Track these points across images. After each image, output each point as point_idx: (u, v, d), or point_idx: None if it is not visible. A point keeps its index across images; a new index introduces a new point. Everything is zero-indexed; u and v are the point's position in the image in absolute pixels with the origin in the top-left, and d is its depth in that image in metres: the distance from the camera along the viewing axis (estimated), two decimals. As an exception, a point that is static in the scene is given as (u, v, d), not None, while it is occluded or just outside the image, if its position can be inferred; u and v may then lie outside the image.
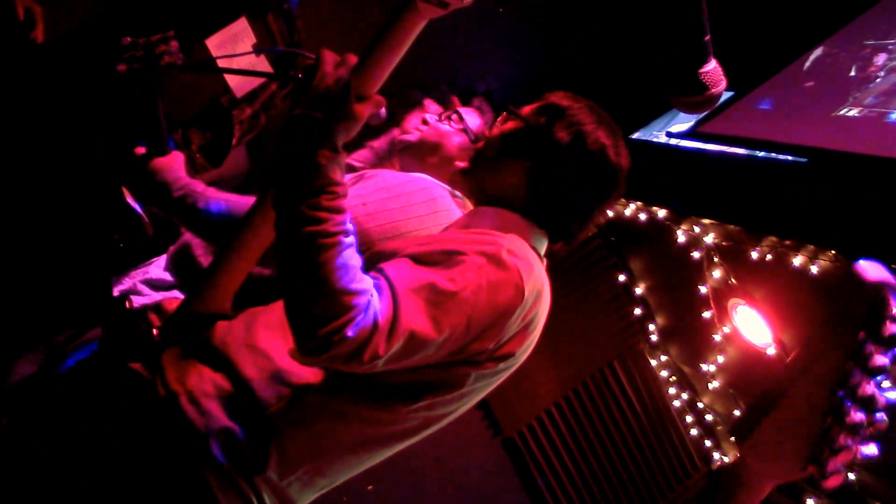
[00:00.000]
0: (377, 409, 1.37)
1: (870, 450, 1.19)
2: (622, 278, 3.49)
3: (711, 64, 1.85)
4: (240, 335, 1.42)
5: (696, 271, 2.97)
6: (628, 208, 3.17)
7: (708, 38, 1.81)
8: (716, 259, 2.88)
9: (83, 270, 2.10)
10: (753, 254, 2.65)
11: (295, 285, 1.19)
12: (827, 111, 2.45)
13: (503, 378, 1.47)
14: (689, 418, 3.58)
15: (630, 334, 3.57)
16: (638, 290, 3.51)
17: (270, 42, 2.27)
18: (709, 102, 1.91)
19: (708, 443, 3.57)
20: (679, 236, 2.98)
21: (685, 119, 2.85)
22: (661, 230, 3.05)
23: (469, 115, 2.10)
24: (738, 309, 2.92)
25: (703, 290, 3.01)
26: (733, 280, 2.86)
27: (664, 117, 3.01)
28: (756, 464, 1.29)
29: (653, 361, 3.60)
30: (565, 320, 3.37)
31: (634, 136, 3.00)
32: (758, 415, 1.27)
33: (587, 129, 1.47)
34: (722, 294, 2.95)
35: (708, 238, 2.87)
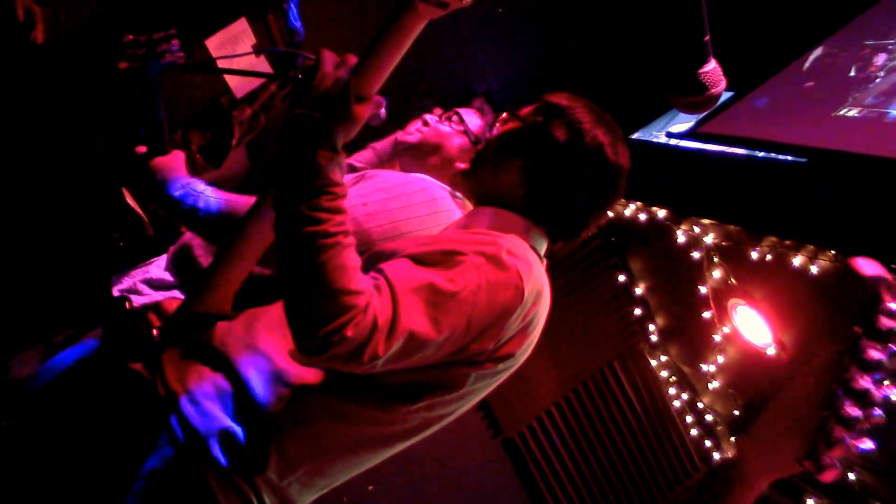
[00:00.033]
0: (377, 410, 1.37)
1: (866, 444, 1.19)
2: (622, 278, 3.48)
3: (711, 64, 1.85)
4: (240, 335, 1.42)
5: (696, 271, 2.97)
6: (628, 208, 3.17)
7: (707, 38, 1.81)
8: (716, 259, 2.88)
9: (83, 270, 2.10)
10: (753, 254, 2.65)
11: (295, 285, 1.19)
12: (826, 111, 2.45)
13: (503, 378, 1.47)
14: (689, 418, 3.58)
15: (630, 334, 3.57)
16: (638, 290, 3.51)
17: (270, 43, 2.27)
18: (708, 102, 1.91)
19: (708, 443, 3.56)
20: (679, 236, 2.98)
21: (685, 119, 2.85)
22: (661, 230, 3.05)
23: (469, 116, 2.10)
24: (738, 309, 2.92)
25: (703, 290, 3.01)
26: (733, 280, 2.86)
27: (664, 117, 3.01)
28: (753, 458, 1.29)
29: (653, 362, 3.60)
30: (565, 320, 3.36)
31: (634, 136, 3.00)
32: (755, 410, 1.27)
33: (585, 128, 1.47)
34: (722, 294, 2.95)
35: (708, 238, 2.87)
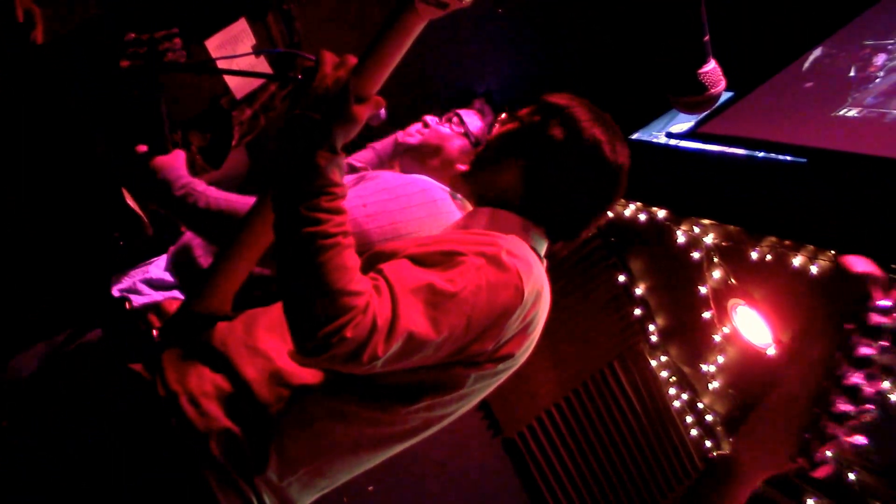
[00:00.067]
0: (377, 410, 1.37)
1: (858, 440, 1.21)
2: (622, 279, 3.48)
3: (711, 64, 1.85)
4: (240, 336, 1.42)
5: (696, 272, 2.97)
6: (628, 209, 3.17)
7: (707, 38, 1.82)
8: (715, 259, 2.88)
9: (83, 270, 2.10)
10: (753, 254, 2.65)
11: (294, 286, 1.19)
12: (826, 111, 2.45)
13: (503, 379, 1.47)
14: (689, 418, 3.58)
15: (630, 335, 3.57)
16: (638, 290, 3.51)
17: (270, 43, 2.27)
18: (708, 103, 1.91)
19: (708, 443, 3.56)
20: (679, 237, 2.98)
21: (685, 119, 2.85)
22: (661, 230, 3.05)
23: (470, 118, 2.10)
24: (738, 309, 2.92)
25: (703, 290, 3.01)
26: (733, 280, 2.86)
27: (664, 118, 3.01)
28: (747, 454, 1.30)
29: (653, 362, 3.60)
30: (565, 320, 3.37)
31: (634, 136, 3.01)
32: (749, 408, 1.29)
33: (582, 126, 1.48)
34: (722, 294, 2.95)
35: (708, 238, 2.87)
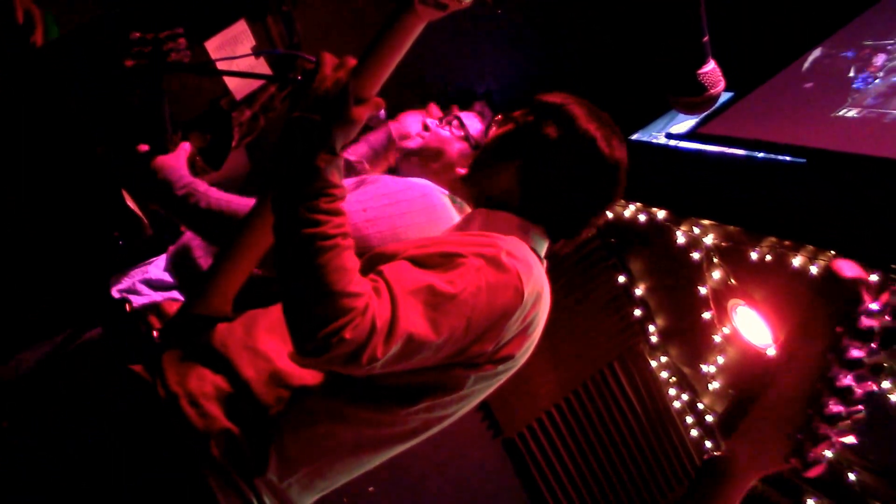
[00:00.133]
0: (377, 411, 1.37)
1: (849, 440, 1.22)
2: (622, 279, 3.48)
3: (710, 65, 1.85)
4: (240, 337, 1.42)
5: (696, 272, 2.97)
6: (628, 209, 3.17)
7: (706, 38, 1.82)
8: (715, 260, 2.88)
9: (83, 270, 2.10)
10: (753, 254, 2.65)
11: (294, 287, 1.19)
12: (826, 112, 2.45)
13: (503, 380, 1.48)
14: (689, 419, 3.58)
15: (630, 335, 3.56)
16: (638, 291, 3.50)
17: (269, 44, 2.27)
18: (707, 103, 1.91)
19: (708, 444, 3.56)
20: (678, 237, 2.98)
21: (685, 120, 2.85)
22: (661, 231, 3.05)
23: (470, 120, 2.09)
24: (738, 310, 2.92)
25: (703, 290, 3.01)
26: (733, 281, 2.86)
27: (664, 118, 3.01)
28: (742, 455, 1.31)
29: (653, 362, 3.59)
30: (565, 321, 3.36)
31: (634, 136, 3.00)
32: (744, 407, 1.30)
33: (576, 123, 1.48)
34: (722, 295, 2.95)
35: (707, 239, 2.87)
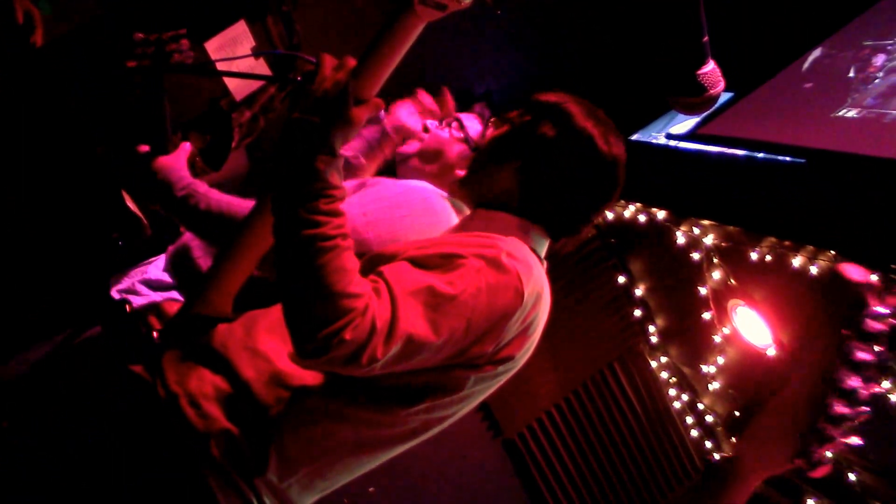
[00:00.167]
0: (376, 412, 1.37)
1: (854, 441, 1.22)
2: (622, 280, 3.48)
3: (710, 65, 1.85)
4: (240, 338, 1.42)
5: (696, 272, 2.97)
6: (628, 210, 3.17)
7: (706, 39, 1.82)
8: (715, 260, 2.88)
9: (83, 271, 2.10)
10: (753, 255, 2.65)
11: (293, 288, 1.19)
12: (826, 112, 2.45)
13: (503, 381, 1.48)
14: (689, 419, 3.58)
15: (630, 336, 3.56)
16: (638, 291, 3.51)
17: (269, 45, 2.27)
18: (707, 103, 1.91)
19: (708, 444, 3.56)
20: (678, 237, 2.98)
21: (685, 120, 2.85)
22: (661, 231, 3.05)
23: (470, 121, 2.08)
24: (738, 310, 2.92)
25: (703, 291, 3.01)
26: (733, 281, 2.86)
27: (663, 119, 3.01)
28: (749, 455, 1.31)
29: (653, 363, 3.59)
30: (565, 322, 3.36)
31: (634, 137, 3.00)
32: (751, 411, 1.30)
33: (573, 121, 1.47)
34: (722, 295, 2.95)
35: (707, 239, 2.87)
